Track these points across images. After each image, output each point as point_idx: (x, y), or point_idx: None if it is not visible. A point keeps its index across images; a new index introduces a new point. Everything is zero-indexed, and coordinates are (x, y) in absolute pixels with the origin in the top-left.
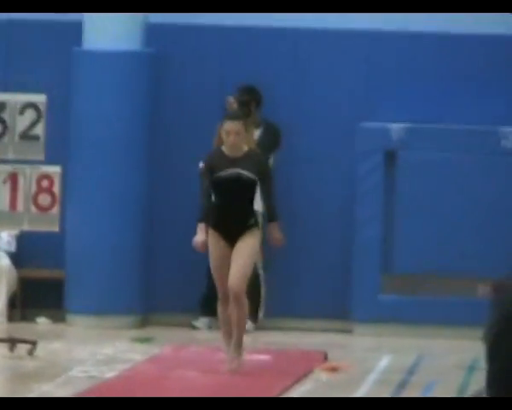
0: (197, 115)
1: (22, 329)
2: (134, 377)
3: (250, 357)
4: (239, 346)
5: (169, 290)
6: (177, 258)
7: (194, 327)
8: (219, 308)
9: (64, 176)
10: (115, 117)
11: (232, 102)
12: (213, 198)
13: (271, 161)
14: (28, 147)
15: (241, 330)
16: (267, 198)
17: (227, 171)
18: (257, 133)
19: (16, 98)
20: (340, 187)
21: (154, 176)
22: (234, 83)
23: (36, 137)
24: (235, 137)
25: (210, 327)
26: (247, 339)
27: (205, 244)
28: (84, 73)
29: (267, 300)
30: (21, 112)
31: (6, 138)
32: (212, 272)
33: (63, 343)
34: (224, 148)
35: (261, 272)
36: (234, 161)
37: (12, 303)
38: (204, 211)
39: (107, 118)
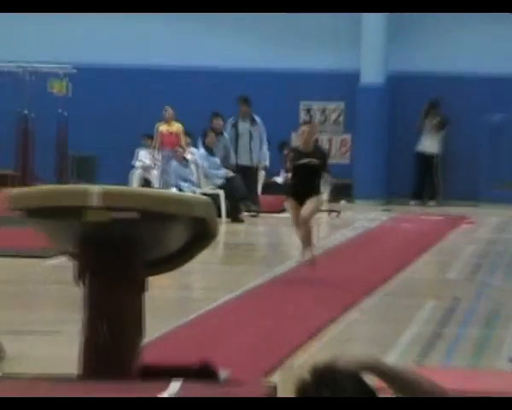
0: None
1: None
2: (378, 229)
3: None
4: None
5: (405, 180)
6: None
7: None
8: (296, 228)
9: None
10: None
11: None
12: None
13: None
14: None
15: (306, 241)
16: (323, 174)
17: (302, 160)
18: None
19: None
20: None
21: None
22: None
23: None
24: (307, 136)
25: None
26: None
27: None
28: None
29: None
30: None
31: None
32: (291, 218)
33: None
34: (299, 145)
35: None
36: (306, 154)
37: None
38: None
39: None
